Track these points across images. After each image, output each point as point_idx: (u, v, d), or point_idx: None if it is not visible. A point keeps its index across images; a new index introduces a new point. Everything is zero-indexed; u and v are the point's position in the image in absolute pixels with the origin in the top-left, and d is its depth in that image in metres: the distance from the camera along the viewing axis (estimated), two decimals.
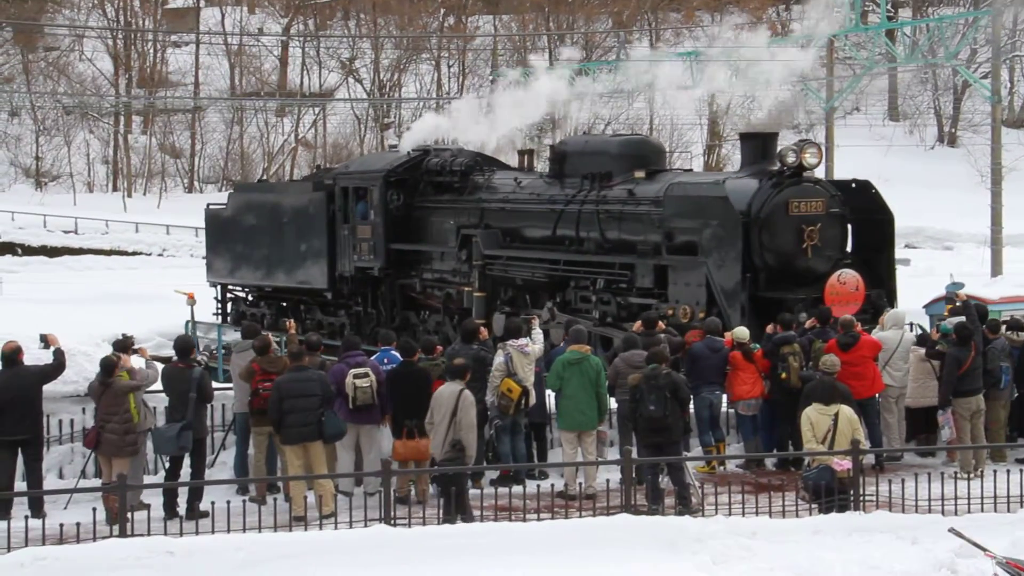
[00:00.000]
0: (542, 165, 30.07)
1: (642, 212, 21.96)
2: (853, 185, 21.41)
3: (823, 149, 20.65)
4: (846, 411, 15.33)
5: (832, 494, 14.72)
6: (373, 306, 27.52)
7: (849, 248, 21.18)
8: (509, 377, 16.99)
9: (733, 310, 19.65)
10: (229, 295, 31.90)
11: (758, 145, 21.57)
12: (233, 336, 29.78)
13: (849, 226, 21.04)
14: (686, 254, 20.89)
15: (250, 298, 31.50)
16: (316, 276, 28.11)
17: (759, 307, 19.67)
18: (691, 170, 28.51)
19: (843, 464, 14.79)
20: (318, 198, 27.99)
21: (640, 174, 22.45)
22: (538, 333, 18.36)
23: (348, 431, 16.64)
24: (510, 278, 24.42)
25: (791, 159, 20.27)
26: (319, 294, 28.62)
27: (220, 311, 31.86)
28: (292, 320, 21.79)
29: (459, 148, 27.98)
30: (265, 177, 61.46)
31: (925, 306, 23.77)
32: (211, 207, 32.55)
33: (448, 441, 15.48)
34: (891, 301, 20.88)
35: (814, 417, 15.35)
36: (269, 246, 29.25)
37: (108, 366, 16.07)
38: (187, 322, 29.26)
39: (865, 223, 21.22)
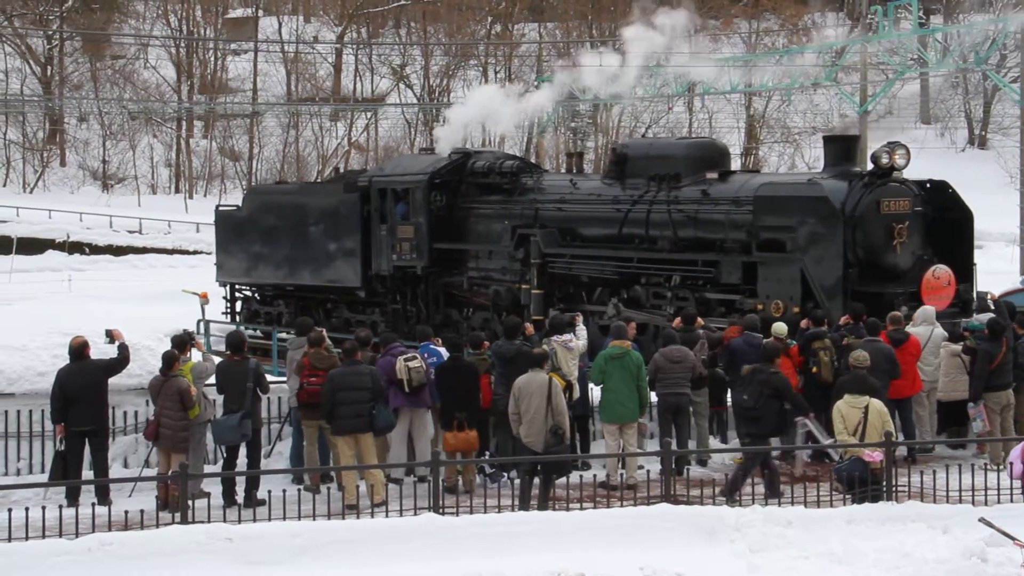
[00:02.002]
0: (587, 167, 29.84)
1: (721, 211, 22.02)
2: (928, 185, 21.48)
3: (910, 151, 20.93)
4: (876, 404, 15.18)
5: (863, 485, 14.62)
6: (412, 304, 27.39)
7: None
8: (554, 371, 16.98)
9: (834, 304, 19.71)
10: (238, 295, 31.57)
11: (841, 147, 21.73)
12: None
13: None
14: (772, 251, 20.95)
15: (257, 297, 31.17)
16: (348, 275, 27.88)
17: (856, 301, 19.79)
18: (758, 171, 28.44)
19: (874, 456, 14.68)
20: (351, 199, 27.75)
21: (713, 175, 22.57)
22: (582, 329, 18.35)
23: (400, 421, 16.71)
24: (574, 275, 24.39)
25: (885, 160, 20.48)
26: (350, 292, 28.39)
27: (230, 310, 31.46)
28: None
29: (501, 152, 27.97)
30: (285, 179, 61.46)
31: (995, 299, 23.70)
32: (221, 209, 32.26)
33: (548, 428, 15.44)
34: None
35: (844, 410, 15.25)
36: (292, 246, 28.93)
37: (169, 360, 16.18)
38: (199, 321, 28.38)
39: (943, 221, 21.34)
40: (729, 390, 18.45)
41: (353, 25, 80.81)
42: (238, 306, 31.75)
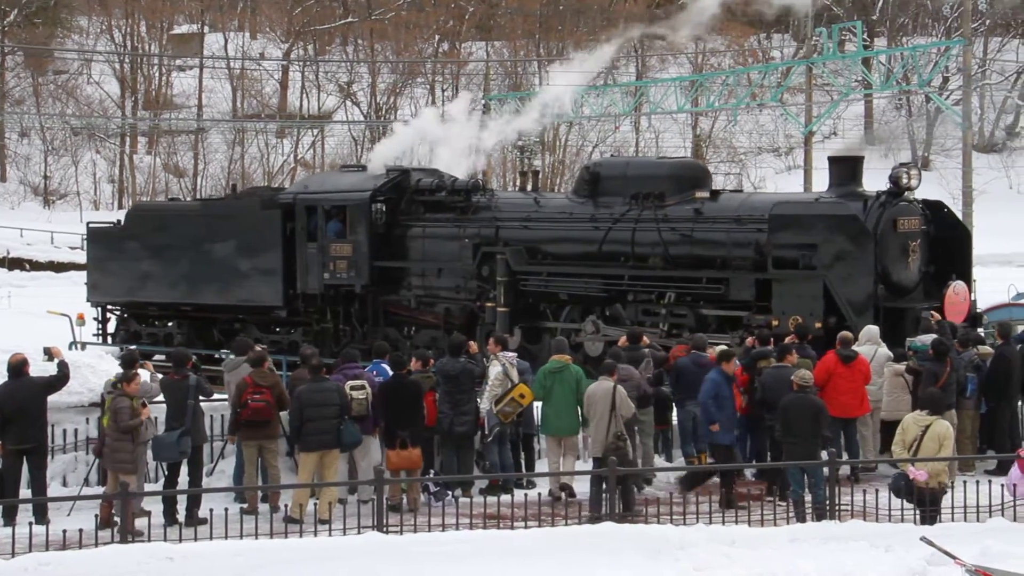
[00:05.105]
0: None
1: (720, 229, 22.30)
2: (920, 204, 22.03)
3: (921, 172, 21.56)
4: (937, 427, 14.93)
5: (909, 498, 14.83)
6: (346, 323, 27.01)
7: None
8: (523, 384, 17.20)
9: (863, 320, 20.07)
10: (110, 315, 30.39)
11: (848, 168, 22.21)
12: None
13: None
14: (785, 268, 21.32)
15: (126, 316, 30.15)
16: (266, 294, 27.24)
17: (885, 316, 20.48)
18: (740, 191, 28.71)
19: (918, 475, 14.72)
20: (271, 216, 27.19)
21: (703, 194, 22.80)
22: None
23: None
24: (545, 293, 24.40)
25: (905, 180, 21.18)
26: (265, 312, 27.80)
27: (101, 331, 30.25)
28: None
29: (439, 170, 27.77)
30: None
31: (985, 311, 24.16)
32: (94, 226, 31.18)
33: (612, 434, 15.90)
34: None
35: (907, 423, 15.19)
36: (192, 264, 28.06)
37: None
38: (71, 343, 27.22)
39: (942, 238, 22.00)
40: (675, 408, 18.53)
41: (300, 42, 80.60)
42: (111, 327, 30.41)
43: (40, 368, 16.82)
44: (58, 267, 57.72)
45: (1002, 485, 15.48)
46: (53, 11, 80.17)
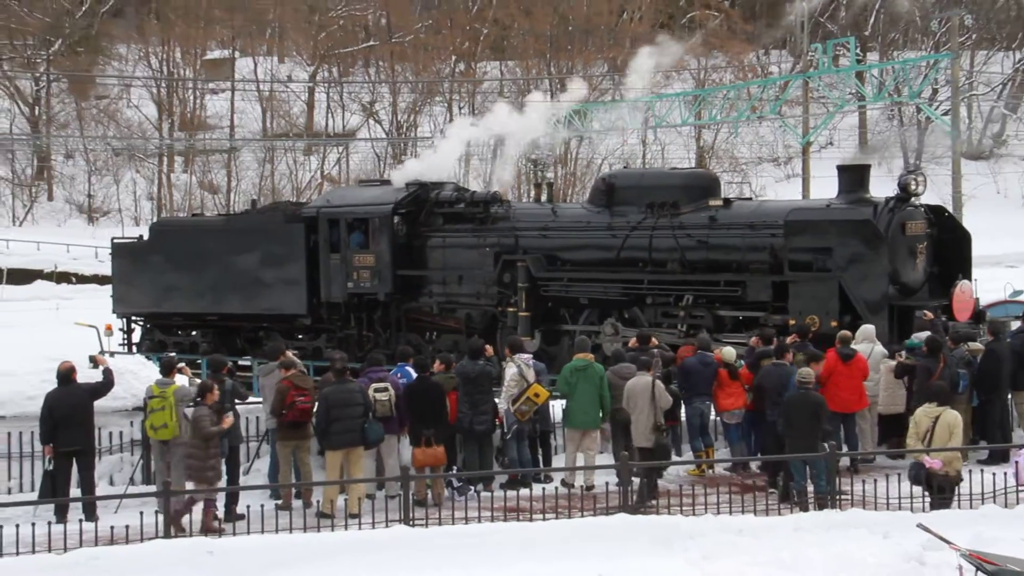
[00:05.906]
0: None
1: (735, 235, 22.39)
2: (923, 208, 22.09)
3: (927, 178, 21.96)
4: (947, 417, 15.01)
5: (924, 485, 14.83)
6: (370, 329, 27.01)
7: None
8: (538, 383, 17.24)
9: (878, 319, 20.17)
10: (135, 326, 30.27)
11: (855, 176, 22.30)
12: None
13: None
14: (801, 271, 21.41)
15: (147, 326, 30.03)
16: (291, 302, 27.18)
17: (897, 315, 20.66)
18: (750, 199, 28.74)
19: (933, 463, 14.73)
20: (294, 229, 27.17)
21: (717, 202, 22.82)
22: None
23: None
24: (564, 298, 24.41)
25: (914, 187, 21.31)
26: (289, 320, 27.75)
27: (126, 341, 30.14)
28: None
29: (453, 183, 27.80)
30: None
31: (986, 307, 24.23)
32: (118, 241, 31.03)
33: (652, 425, 16.18)
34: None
35: (919, 416, 15.25)
36: (218, 275, 27.94)
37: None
38: (101, 352, 26.37)
39: (943, 241, 22.09)
40: (683, 405, 18.53)
41: (325, 65, 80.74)
42: (136, 337, 30.28)
43: (87, 375, 16.90)
44: (102, 280, 57.88)
45: (1005, 473, 15.48)
46: (95, 40, 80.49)
